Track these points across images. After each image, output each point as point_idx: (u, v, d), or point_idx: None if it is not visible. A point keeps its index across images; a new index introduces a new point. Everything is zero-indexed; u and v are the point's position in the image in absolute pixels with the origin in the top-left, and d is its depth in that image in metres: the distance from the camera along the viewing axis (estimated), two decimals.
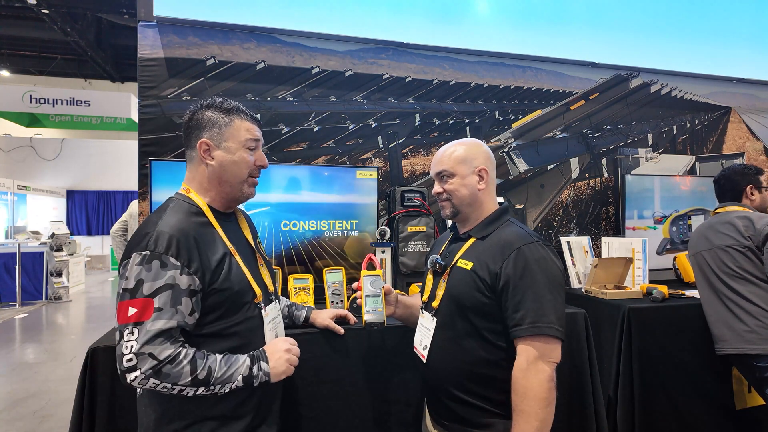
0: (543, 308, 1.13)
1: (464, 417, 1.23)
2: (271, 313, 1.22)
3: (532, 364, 1.11)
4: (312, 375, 1.53)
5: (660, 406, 1.99)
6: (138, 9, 2.18)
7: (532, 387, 1.09)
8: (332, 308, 1.71)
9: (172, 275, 1.00)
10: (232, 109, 1.17)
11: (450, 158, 1.32)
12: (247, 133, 1.17)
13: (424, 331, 1.33)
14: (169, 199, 1.15)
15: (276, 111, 2.38)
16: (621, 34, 3.01)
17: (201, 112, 1.16)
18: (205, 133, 1.14)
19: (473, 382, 1.21)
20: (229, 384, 1.04)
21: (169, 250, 1.01)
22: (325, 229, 2.09)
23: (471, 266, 1.23)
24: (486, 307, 1.20)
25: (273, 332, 1.22)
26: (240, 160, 1.15)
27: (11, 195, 9.98)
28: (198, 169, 1.16)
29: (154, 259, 1.00)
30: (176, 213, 1.09)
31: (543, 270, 1.16)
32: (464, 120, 2.71)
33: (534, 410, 1.08)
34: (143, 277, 0.99)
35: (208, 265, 1.06)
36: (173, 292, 0.99)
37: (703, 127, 3.25)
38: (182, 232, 1.04)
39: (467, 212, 1.32)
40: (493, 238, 1.26)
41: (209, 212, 1.14)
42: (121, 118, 8.43)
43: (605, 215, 2.97)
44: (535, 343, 1.12)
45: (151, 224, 1.05)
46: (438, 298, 1.30)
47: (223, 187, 1.16)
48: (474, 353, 1.21)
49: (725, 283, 1.94)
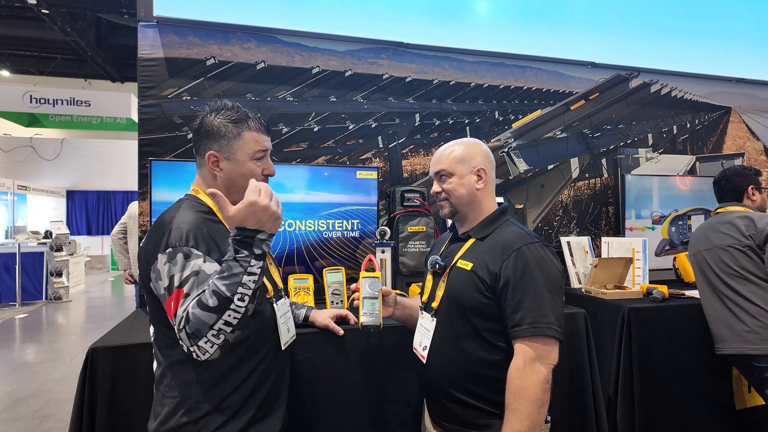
0: (542, 309, 1.13)
1: (464, 418, 1.23)
2: (282, 308, 1.25)
3: (528, 365, 1.11)
4: (312, 375, 1.54)
5: (660, 406, 1.99)
6: (138, 9, 2.18)
7: (527, 387, 1.10)
8: (332, 308, 1.71)
9: (197, 263, 1.02)
10: (241, 119, 1.17)
11: (448, 158, 1.32)
12: (256, 145, 1.18)
13: (423, 332, 1.33)
14: (180, 200, 1.17)
15: (276, 111, 2.38)
16: (621, 34, 3.01)
17: (211, 120, 1.16)
18: (214, 144, 1.15)
19: (473, 383, 1.21)
20: (244, 277, 0.97)
21: (189, 242, 1.03)
22: (324, 229, 2.09)
23: (471, 267, 1.23)
24: (486, 308, 1.20)
25: (285, 326, 1.24)
26: (248, 172, 1.16)
27: (11, 195, 9.98)
28: (207, 176, 1.18)
29: (178, 253, 1.02)
30: (189, 211, 1.11)
31: (542, 271, 1.16)
32: (464, 120, 2.71)
33: (527, 410, 1.09)
34: (173, 272, 1.01)
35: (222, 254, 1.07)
36: (198, 278, 1.01)
37: (703, 127, 3.25)
38: (197, 226, 1.07)
39: (465, 212, 1.32)
40: (493, 238, 1.26)
41: (219, 213, 1.14)
42: (121, 118, 8.44)
43: (605, 215, 2.97)
44: (533, 343, 1.12)
45: (165, 224, 1.07)
46: (437, 299, 1.30)
47: (231, 195, 1.16)
48: (474, 354, 1.21)
49: (725, 283, 1.94)
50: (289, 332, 1.29)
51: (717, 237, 2.01)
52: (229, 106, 1.19)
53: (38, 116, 8.19)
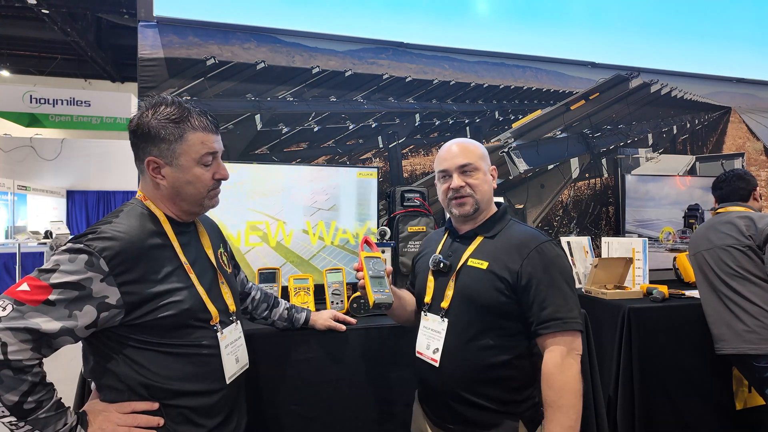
0: (568, 304, 1.16)
1: (473, 419, 1.21)
2: (230, 336, 1.11)
3: (565, 359, 1.13)
4: (312, 375, 1.54)
5: (660, 406, 1.99)
6: (138, 9, 2.18)
7: (569, 381, 1.12)
8: (332, 308, 1.70)
9: (90, 277, 0.91)
10: (183, 117, 1.02)
11: (472, 152, 1.29)
12: (202, 147, 1.04)
13: (431, 334, 1.28)
14: (125, 204, 1.07)
15: (276, 111, 2.37)
16: (621, 34, 3.01)
17: (147, 120, 1.01)
18: (152, 149, 1.02)
19: (487, 384, 1.20)
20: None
21: (104, 252, 0.92)
22: None
23: (487, 265, 1.21)
24: (504, 306, 1.19)
25: (233, 356, 1.11)
26: (194, 179, 1.04)
27: (11, 195, 9.97)
28: (149, 184, 1.06)
29: (83, 254, 0.91)
30: (130, 218, 1.01)
31: (561, 267, 1.20)
32: (464, 120, 2.71)
33: (572, 403, 1.11)
34: (62, 265, 0.90)
35: (150, 279, 0.98)
36: (79, 294, 0.90)
37: (703, 127, 3.25)
38: (129, 239, 0.96)
39: (483, 209, 1.30)
40: (504, 236, 1.26)
41: (166, 223, 1.06)
42: (121, 118, 8.43)
43: (605, 215, 2.97)
44: (565, 338, 1.14)
45: (100, 223, 0.98)
46: (447, 299, 1.26)
47: (179, 204, 1.07)
48: (489, 353, 1.20)
49: (725, 283, 1.94)
50: (239, 362, 1.14)
51: (717, 237, 2.01)
52: (168, 102, 1.04)
53: (38, 116, 8.19)
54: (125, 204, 1.07)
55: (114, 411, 0.97)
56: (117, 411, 0.97)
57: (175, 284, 1.01)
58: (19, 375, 0.86)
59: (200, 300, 1.05)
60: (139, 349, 0.99)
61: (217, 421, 1.07)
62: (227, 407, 1.11)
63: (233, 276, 1.28)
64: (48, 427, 0.89)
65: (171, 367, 1.01)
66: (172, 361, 1.01)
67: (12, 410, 0.85)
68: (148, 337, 0.99)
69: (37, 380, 0.89)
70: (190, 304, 1.02)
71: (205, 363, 1.06)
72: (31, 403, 0.87)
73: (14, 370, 0.85)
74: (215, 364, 1.07)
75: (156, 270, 0.99)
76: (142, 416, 0.98)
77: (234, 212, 1.93)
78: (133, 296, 0.96)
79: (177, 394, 1.01)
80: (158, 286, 0.99)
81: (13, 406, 0.85)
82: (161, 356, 1.00)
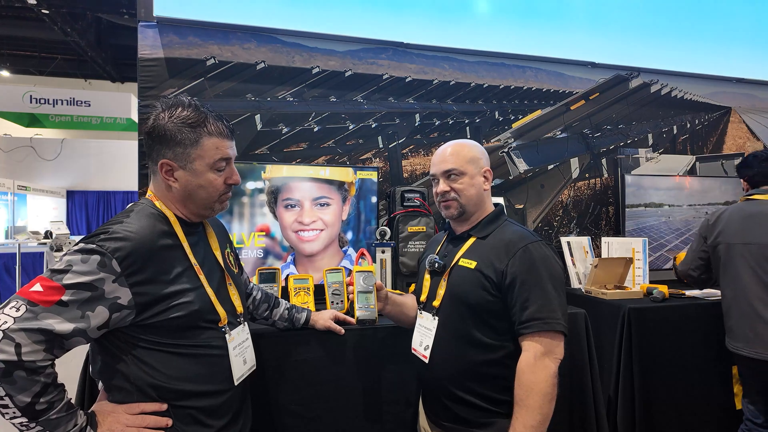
0: (550, 305, 1.15)
1: (465, 417, 1.23)
2: (238, 337, 1.12)
3: (539, 360, 1.12)
4: (312, 375, 1.54)
5: (660, 406, 1.99)
6: (138, 9, 2.18)
7: (538, 382, 1.11)
8: (332, 308, 1.70)
9: (103, 278, 0.91)
10: (199, 122, 1.03)
11: (459, 156, 1.31)
12: (217, 153, 1.05)
13: (424, 332, 1.33)
14: (135, 203, 1.07)
15: (276, 111, 2.38)
16: (621, 34, 3.01)
17: (163, 122, 1.02)
18: (167, 152, 1.02)
19: (476, 381, 1.22)
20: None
21: (116, 253, 0.92)
22: None
23: (475, 265, 1.24)
24: (490, 305, 1.21)
25: (240, 358, 1.12)
26: (207, 183, 1.05)
27: (11, 195, 9.97)
28: (161, 186, 1.07)
29: (95, 254, 0.91)
30: (141, 218, 1.00)
31: (548, 268, 1.19)
32: (464, 120, 2.70)
33: (538, 404, 1.10)
34: (75, 266, 0.90)
35: (161, 279, 0.98)
36: (92, 295, 0.90)
37: (703, 127, 3.25)
38: (141, 239, 0.96)
39: (471, 212, 1.32)
40: (495, 236, 1.27)
41: (177, 224, 1.06)
42: (121, 118, 8.43)
43: (605, 215, 2.97)
44: (542, 339, 1.14)
45: (111, 223, 0.98)
46: (439, 298, 1.30)
47: (189, 207, 1.08)
48: (477, 351, 1.22)
49: (766, 286, 1.81)
50: (246, 364, 1.15)
51: (761, 232, 1.86)
52: (185, 104, 1.04)
53: (38, 116, 8.19)
54: (135, 204, 1.07)
55: (123, 412, 0.98)
56: (126, 412, 0.98)
57: (185, 285, 1.01)
58: (32, 376, 0.86)
59: (209, 301, 1.06)
60: (148, 350, 0.99)
61: (225, 422, 1.08)
62: (234, 408, 1.12)
63: (239, 276, 1.28)
64: (59, 428, 0.89)
65: (180, 368, 1.01)
66: (182, 362, 1.01)
67: (24, 411, 0.86)
68: (158, 338, 1.00)
69: (49, 381, 0.89)
70: (199, 305, 1.03)
71: (214, 364, 1.07)
72: (43, 404, 0.87)
73: (28, 371, 0.85)
74: (224, 365, 1.08)
75: (167, 270, 0.99)
76: (150, 417, 0.98)
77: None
78: (145, 297, 0.96)
79: (185, 395, 1.02)
80: (169, 287, 0.99)
81: (25, 407, 0.86)
82: (170, 357, 1.01)
